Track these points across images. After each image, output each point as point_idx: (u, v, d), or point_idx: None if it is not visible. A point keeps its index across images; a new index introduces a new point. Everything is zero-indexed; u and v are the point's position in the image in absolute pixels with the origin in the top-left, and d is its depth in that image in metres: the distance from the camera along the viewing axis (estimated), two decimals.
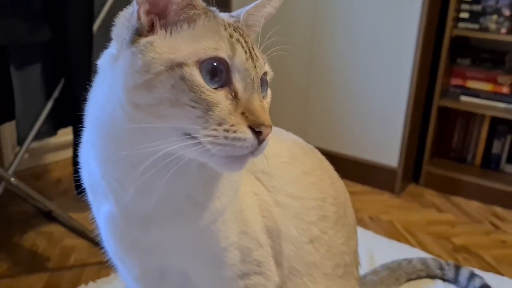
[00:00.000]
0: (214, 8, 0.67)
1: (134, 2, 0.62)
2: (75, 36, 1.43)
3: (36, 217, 1.92)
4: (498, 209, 2.18)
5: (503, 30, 2.15)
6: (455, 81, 2.34)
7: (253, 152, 0.59)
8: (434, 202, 2.24)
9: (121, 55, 0.62)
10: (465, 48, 2.37)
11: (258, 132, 0.58)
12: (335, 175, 0.94)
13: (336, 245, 0.86)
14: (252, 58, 0.62)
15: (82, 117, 0.71)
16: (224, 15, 0.68)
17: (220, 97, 0.59)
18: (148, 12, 0.62)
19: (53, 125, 1.57)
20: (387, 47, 2.18)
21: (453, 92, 2.34)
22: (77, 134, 1.62)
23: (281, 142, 0.86)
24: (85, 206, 1.76)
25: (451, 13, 2.18)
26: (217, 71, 0.59)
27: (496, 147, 2.34)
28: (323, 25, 2.31)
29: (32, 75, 1.45)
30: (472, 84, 2.31)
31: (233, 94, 0.60)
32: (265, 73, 0.66)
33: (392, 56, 2.18)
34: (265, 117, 0.60)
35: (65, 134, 1.74)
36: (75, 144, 1.63)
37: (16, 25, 1.33)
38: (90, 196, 0.75)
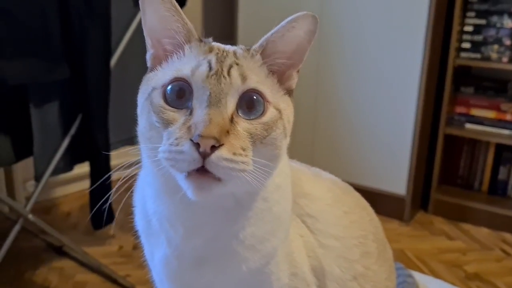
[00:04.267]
0: (209, 40, 0.69)
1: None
2: (93, 73, 1.46)
3: (47, 252, 1.91)
4: (508, 236, 2.19)
5: (505, 59, 2.20)
6: (460, 109, 2.38)
7: (206, 166, 0.57)
8: (443, 230, 2.25)
9: None
10: (468, 77, 2.42)
11: (198, 144, 0.56)
12: (371, 211, 0.95)
13: (381, 281, 0.87)
14: (220, 76, 0.61)
15: (99, 152, 0.76)
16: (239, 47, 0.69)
17: (178, 115, 0.61)
18: (154, 57, 0.69)
19: (69, 161, 1.59)
20: (392, 77, 2.22)
21: (458, 120, 2.37)
22: (94, 168, 1.64)
23: (322, 184, 0.88)
24: (96, 240, 1.75)
25: (453, 44, 2.24)
26: (183, 92, 0.62)
27: (502, 173, 2.36)
28: (328, 56, 2.35)
29: (50, 112, 1.47)
30: (476, 112, 2.34)
31: (189, 111, 0.61)
32: (256, 92, 0.63)
33: (398, 86, 2.22)
34: (206, 129, 0.56)
35: (75, 168, 1.75)
36: (92, 178, 1.64)
37: (36, 64, 1.35)
38: (143, 239, 0.76)
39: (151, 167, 0.66)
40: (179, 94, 0.62)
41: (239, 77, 0.62)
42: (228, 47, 0.68)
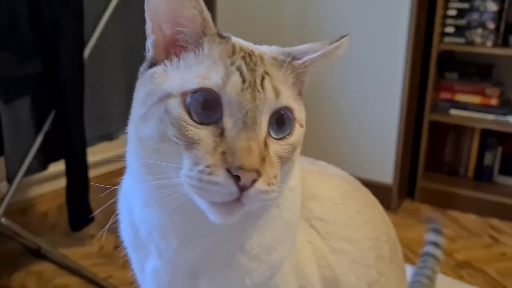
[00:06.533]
0: (228, 35, 0.60)
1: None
2: (66, 65, 1.37)
3: (24, 255, 1.82)
4: (495, 221, 2.18)
5: (489, 43, 2.18)
6: (444, 95, 2.35)
7: (242, 199, 0.51)
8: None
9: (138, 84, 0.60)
10: (452, 62, 2.40)
11: (237, 177, 0.49)
12: (382, 209, 0.89)
13: (393, 286, 0.81)
14: (254, 89, 0.53)
15: (75, 148, 0.66)
16: (271, 48, 0.61)
17: (204, 133, 0.52)
18: (156, 45, 0.59)
19: (43, 160, 1.50)
20: (376, 65, 2.19)
21: (443, 106, 2.35)
22: (70, 167, 1.56)
23: (330, 181, 0.81)
24: (75, 241, 1.66)
25: (437, 28, 2.20)
26: (208, 104, 0.53)
27: (487, 159, 2.35)
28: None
29: (21, 108, 1.38)
30: (460, 98, 2.32)
31: (219, 130, 0.52)
32: (286, 109, 0.56)
33: (382, 74, 2.18)
34: (246, 159, 0.49)
35: (50, 166, 1.66)
36: (68, 177, 1.56)
37: (4, 58, 1.26)
38: (130, 251, 0.69)
39: (142, 173, 0.58)
40: (205, 106, 0.52)
41: (273, 91, 0.55)
42: (252, 47, 0.59)
